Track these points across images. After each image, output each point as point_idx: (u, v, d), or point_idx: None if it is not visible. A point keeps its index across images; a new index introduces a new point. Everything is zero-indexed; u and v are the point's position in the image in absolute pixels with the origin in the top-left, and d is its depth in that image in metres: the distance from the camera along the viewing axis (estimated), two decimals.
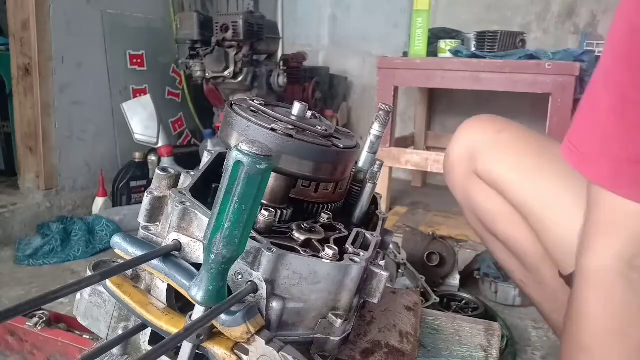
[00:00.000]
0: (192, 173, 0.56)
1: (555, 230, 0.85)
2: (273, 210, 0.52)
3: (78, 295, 0.56)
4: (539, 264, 0.94)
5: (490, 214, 1.01)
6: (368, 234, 0.57)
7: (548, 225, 0.87)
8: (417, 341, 0.65)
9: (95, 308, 0.55)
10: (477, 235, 1.12)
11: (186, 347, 0.44)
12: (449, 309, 1.34)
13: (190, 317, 0.44)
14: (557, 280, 0.88)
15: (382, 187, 2.01)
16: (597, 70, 0.62)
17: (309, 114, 0.60)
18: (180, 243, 0.47)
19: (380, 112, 0.65)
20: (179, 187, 0.55)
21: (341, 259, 0.48)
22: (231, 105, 0.57)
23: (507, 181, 0.93)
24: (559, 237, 0.84)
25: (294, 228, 0.53)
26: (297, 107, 0.58)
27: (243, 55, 2.12)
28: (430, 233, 1.56)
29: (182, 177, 0.56)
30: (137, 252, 0.47)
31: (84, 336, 0.86)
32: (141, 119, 2.16)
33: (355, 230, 0.56)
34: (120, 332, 0.54)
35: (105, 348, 0.42)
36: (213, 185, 0.58)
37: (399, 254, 1.44)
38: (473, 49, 1.98)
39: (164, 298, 0.50)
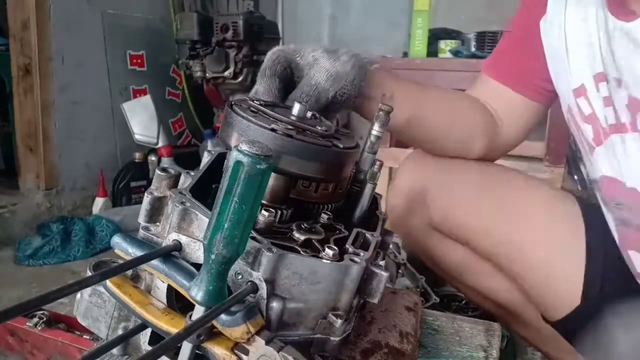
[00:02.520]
0: (192, 173, 0.56)
1: (536, 275, 0.79)
2: (273, 210, 0.52)
3: (78, 295, 0.56)
4: (517, 308, 0.88)
5: (455, 267, 0.92)
6: (368, 234, 0.57)
7: (527, 272, 0.80)
8: (417, 341, 0.65)
9: (95, 308, 0.55)
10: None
11: (186, 347, 0.44)
12: (449, 309, 1.34)
13: (190, 317, 0.44)
14: (540, 318, 0.84)
15: (382, 187, 2.00)
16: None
17: (309, 114, 0.60)
18: (180, 243, 0.47)
19: (381, 112, 0.65)
20: (179, 187, 0.55)
21: (341, 259, 0.48)
22: (231, 105, 0.57)
23: (469, 231, 0.84)
24: (541, 281, 0.79)
25: (294, 228, 0.53)
26: (297, 107, 0.58)
27: (243, 55, 2.12)
28: None
29: (182, 177, 0.56)
30: (137, 252, 0.47)
31: (84, 336, 0.86)
32: (141, 119, 2.16)
33: (355, 231, 0.56)
34: (120, 332, 0.54)
35: (105, 348, 0.42)
36: (213, 185, 0.58)
37: (399, 254, 1.43)
38: (473, 49, 1.98)
39: (164, 298, 0.50)
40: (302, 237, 0.52)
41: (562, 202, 0.84)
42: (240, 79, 2.15)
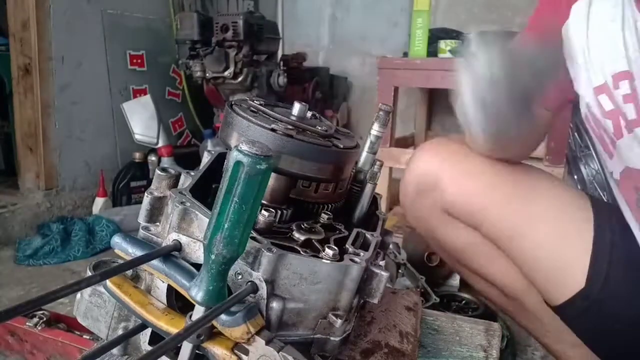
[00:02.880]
0: (192, 173, 0.56)
1: (542, 264, 0.81)
2: (273, 210, 0.52)
3: (78, 295, 0.56)
4: (520, 294, 0.89)
5: (461, 250, 0.93)
6: (368, 234, 0.57)
7: (533, 259, 0.82)
8: (417, 341, 0.65)
9: (95, 308, 0.55)
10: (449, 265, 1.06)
11: (186, 347, 0.44)
12: (449, 309, 1.34)
13: (190, 317, 0.44)
14: (542, 306, 0.85)
15: (382, 187, 2.01)
16: None
17: (309, 114, 0.60)
18: (180, 243, 0.47)
19: (380, 112, 0.65)
20: (179, 187, 0.55)
21: (341, 259, 0.48)
22: (231, 105, 0.57)
23: (481, 216, 0.85)
24: (547, 269, 0.81)
25: (294, 228, 0.53)
26: (297, 107, 0.58)
27: (243, 55, 2.12)
28: None
29: (182, 177, 0.56)
30: (137, 252, 0.47)
31: (84, 336, 0.86)
32: (141, 119, 2.16)
33: (355, 231, 0.56)
34: (120, 332, 0.54)
35: (105, 348, 0.42)
36: (213, 185, 0.58)
37: (399, 254, 1.43)
38: None
39: (164, 298, 0.50)
40: (302, 237, 0.52)
41: (572, 194, 0.87)
42: (240, 79, 2.15)
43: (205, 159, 0.62)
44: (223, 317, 0.43)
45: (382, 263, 0.60)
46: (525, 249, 0.82)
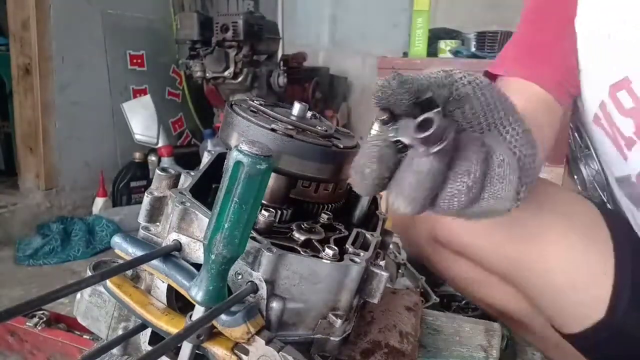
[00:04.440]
0: (192, 173, 0.56)
1: (555, 295, 0.75)
2: (273, 210, 0.52)
3: (78, 295, 0.56)
4: (527, 318, 0.86)
5: (459, 280, 0.90)
6: (368, 234, 0.57)
7: (543, 291, 0.76)
8: (417, 341, 0.65)
9: (95, 308, 0.55)
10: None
11: (186, 347, 0.44)
12: (449, 309, 1.34)
13: (190, 317, 0.44)
14: (548, 328, 0.81)
15: None
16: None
17: (309, 114, 0.60)
18: (180, 243, 0.47)
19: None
20: (179, 187, 0.55)
21: (341, 259, 0.48)
22: (231, 105, 0.57)
23: (479, 251, 0.80)
24: (561, 300, 0.75)
25: (294, 228, 0.53)
26: (297, 107, 0.58)
27: (243, 55, 2.12)
28: None
29: (182, 177, 0.56)
30: (137, 252, 0.47)
31: (84, 336, 0.86)
32: (141, 119, 2.16)
33: (355, 231, 0.56)
34: (120, 332, 0.54)
35: (105, 348, 0.42)
36: (213, 185, 0.58)
37: (399, 254, 1.43)
38: (473, 49, 1.98)
39: (164, 298, 0.50)
40: (302, 237, 0.52)
41: (583, 211, 0.80)
42: (240, 79, 2.15)
43: (205, 159, 0.62)
44: (223, 317, 0.43)
45: (382, 263, 0.60)
46: (534, 279, 0.76)
